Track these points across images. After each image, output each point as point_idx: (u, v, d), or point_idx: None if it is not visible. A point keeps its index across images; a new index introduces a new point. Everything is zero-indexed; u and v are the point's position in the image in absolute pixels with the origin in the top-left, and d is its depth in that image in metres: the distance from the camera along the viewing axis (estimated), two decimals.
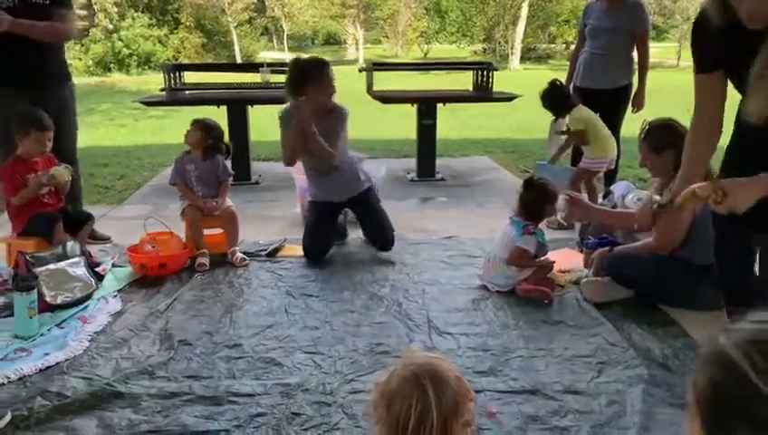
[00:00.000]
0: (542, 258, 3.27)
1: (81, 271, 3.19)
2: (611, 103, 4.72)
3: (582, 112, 4.37)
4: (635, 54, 4.75)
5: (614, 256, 3.12)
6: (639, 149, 2.98)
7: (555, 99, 4.39)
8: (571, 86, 4.92)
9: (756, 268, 2.20)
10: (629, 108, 4.79)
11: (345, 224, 4.08)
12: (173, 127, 3.79)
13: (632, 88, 4.77)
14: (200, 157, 3.77)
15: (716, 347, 0.79)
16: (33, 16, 3.60)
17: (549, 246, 3.36)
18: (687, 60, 24.91)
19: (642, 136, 2.95)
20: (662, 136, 2.89)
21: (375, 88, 6.06)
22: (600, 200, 4.42)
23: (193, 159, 3.77)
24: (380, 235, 3.80)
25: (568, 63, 5.18)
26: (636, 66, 4.79)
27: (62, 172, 3.43)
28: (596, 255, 3.19)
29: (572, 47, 5.45)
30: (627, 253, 3.09)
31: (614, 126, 4.80)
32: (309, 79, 3.64)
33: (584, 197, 3.49)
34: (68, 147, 3.87)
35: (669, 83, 16.91)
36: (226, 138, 4.06)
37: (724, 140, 2.11)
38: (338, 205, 3.91)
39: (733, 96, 2.00)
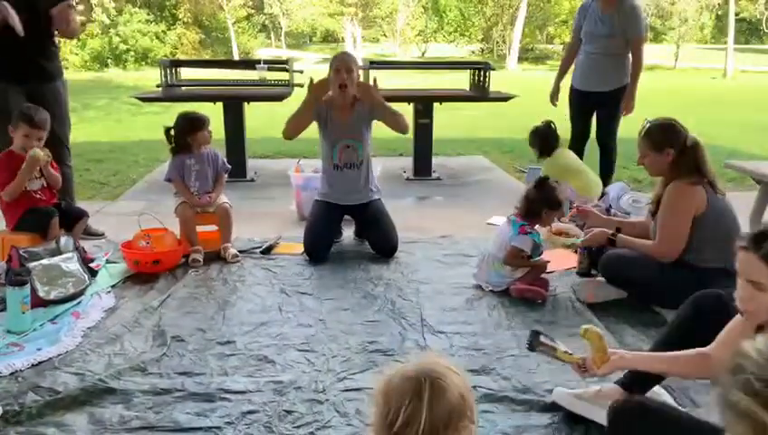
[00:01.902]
0: (537, 259, 3.27)
1: (74, 266, 3.18)
2: (608, 106, 4.72)
3: (560, 160, 4.42)
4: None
5: (611, 258, 3.11)
6: (638, 146, 2.97)
7: (545, 140, 4.47)
8: (561, 84, 4.93)
9: None
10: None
11: (341, 222, 4.07)
12: (169, 123, 3.77)
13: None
14: (200, 152, 3.77)
15: None
16: (34, 9, 3.65)
17: (543, 246, 3.37)
18: (684, 61, 24.97)
19: (642, 134, 2.95)
20: (663, 134, 2.89)
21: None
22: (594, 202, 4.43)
23: (194, 154, 3.77)
24: (384, 244, 3.78)
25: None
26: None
27: (37, 152, 3.39)
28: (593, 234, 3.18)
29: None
30: (627, 255, 3.05)
31: (610, 128, 4.81)
32: (330, 67, 3.72)
33: (593, 208, 3.47)
34: (62, 140, 3.92)
35: (666, 85, 16.95)
36: (222, 134, 4.06)
37: None
38: (344, 208, 3.91)
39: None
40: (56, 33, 3.89)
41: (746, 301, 1.58)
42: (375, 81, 3.85)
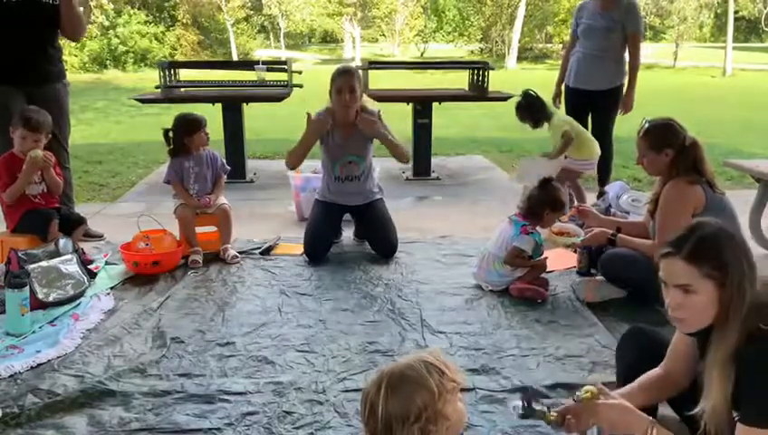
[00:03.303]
0: (537, 258, 3.27)
1: (73, 268, 3.18)
2: (605, 104, 4.71)
3: (562, 115, 4.40)
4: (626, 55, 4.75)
5: (611, 257, 3.11)
6: (638, 146, 2.97)
7: (533, 110, 4.34)
8: (563, 86, 4.92)
9: None
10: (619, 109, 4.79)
11: (340, 223, 4.07)
12: (168, 125, 3.78)
13: (624, 88, 4.76)
14: (199, 154, 3.77)
15: None
16: (37, 12, 3.66)
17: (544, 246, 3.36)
18: (684, 60, 24.86)
19: (641, 134, 2.95)
20: (662, 135, 2.89)
21: (371, 87, 6.05)
22: (593, 201, 4.43)
23: (193, 156, 3.76)
24: (384, 245, 3.78)
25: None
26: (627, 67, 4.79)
27: (37, 153, 3.40)
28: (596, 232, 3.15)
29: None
30: (626, 254, 3.04)
31: (607, 126, 4.81)
32: (331, 84, 3.65)
33: (592, 208, 3.46)
34: (61, 142, 3.91)
35: (665, 84, 16.95)
36: (221, 135, 4.06)
37: None
38: (345, 208, 3.91)
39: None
40: (60, 34, 3.89)
41: (677, 308, 1.58)
42: (380, 114, 3.79)
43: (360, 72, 3.80)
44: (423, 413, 1.24)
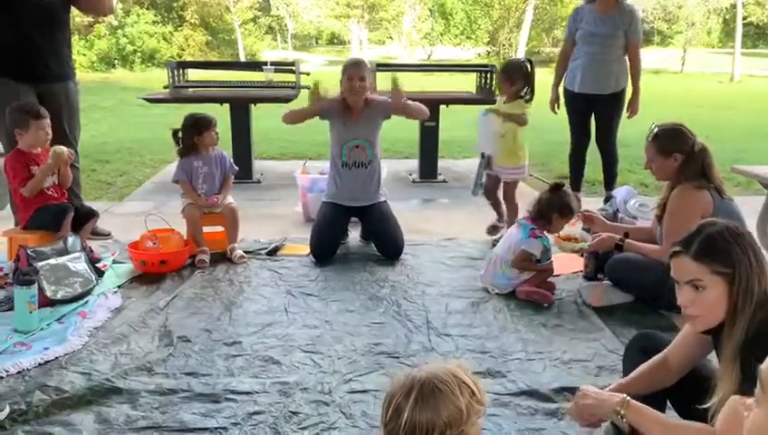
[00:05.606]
0: (545, 263, 3.27)
1: (81, 266, 3.20)
2: (609, 107, 4.71)
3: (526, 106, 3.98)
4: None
5: (618, 261, 3.10)
6: (646, 151, 2.97)
7: (518, 70, 3.92)
8: (566, 91, 4.87)
9: None
10: (624, 113, 4.78)
11: (347, 224, 4.08)
12: (176, 124, 3.80)
13: (627, 93, 4.76)
14: (208, 154, 3.78)
15: None
16: (49, 10, 3.69)
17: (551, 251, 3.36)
18: (691, 65, 24.68)
19: (650, 138, 2.95)
20: (671, 139, 2.89)
21: (379, 89, 6.05)
22: (600, 205, 4.42)
23: (202, 156, 3.78)
24: (390, 246, 3.79)
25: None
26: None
27: (63, 149, 3.42)
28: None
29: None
30: (633, 259, 3.04)
31: (611, 130, 4.80)
32: (343, 73, 3.78)
33: (599, 214, 3.45)
34: (72, 142, 3.91)
35: (673, 89, 16.90)
36: (228, 135, 4.07)
37: None
38: (351, 210, 3.92)
39: None
40: (83, 11, 3.98)
41: (689, 306, 1.61)
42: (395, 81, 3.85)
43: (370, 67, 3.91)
44: (447, 430, 1.23)
